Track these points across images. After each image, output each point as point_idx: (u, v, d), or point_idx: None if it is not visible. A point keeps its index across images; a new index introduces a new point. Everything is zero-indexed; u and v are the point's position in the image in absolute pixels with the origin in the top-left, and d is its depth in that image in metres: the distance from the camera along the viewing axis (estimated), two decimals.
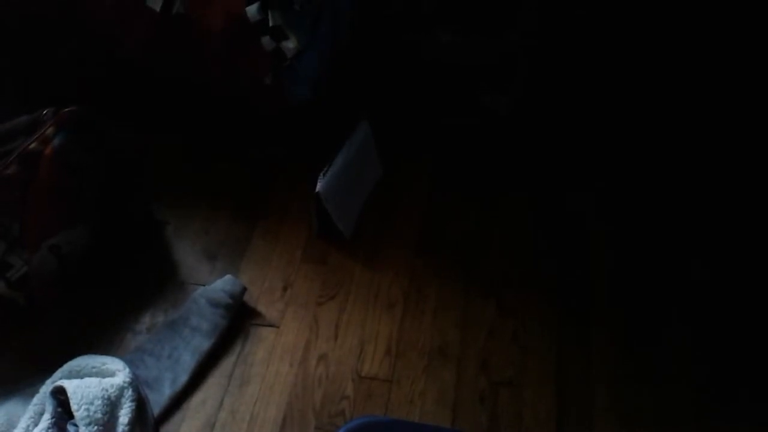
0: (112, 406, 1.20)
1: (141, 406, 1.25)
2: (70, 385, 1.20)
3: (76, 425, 1.17)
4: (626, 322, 1.42)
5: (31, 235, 1.35)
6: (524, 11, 1.68)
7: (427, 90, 1.78)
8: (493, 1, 1.69)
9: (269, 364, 1.36)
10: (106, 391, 1.21)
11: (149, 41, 1.59)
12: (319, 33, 1.59)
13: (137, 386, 1.26)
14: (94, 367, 1.27)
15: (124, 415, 1.21)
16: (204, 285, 1.44)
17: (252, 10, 1.49)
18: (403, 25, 1.75)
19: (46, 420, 1.17)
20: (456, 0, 1.71)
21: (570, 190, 1.63)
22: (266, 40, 1.52)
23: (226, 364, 1.36)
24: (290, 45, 1.52)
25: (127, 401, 1.23)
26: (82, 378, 1.24)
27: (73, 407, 1.17)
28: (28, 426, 1.19)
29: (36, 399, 1.23)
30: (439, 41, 1.74)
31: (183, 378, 1.32)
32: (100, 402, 1.19)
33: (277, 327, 1.41)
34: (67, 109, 1.40)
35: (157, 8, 1.53)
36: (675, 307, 1.44)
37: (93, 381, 1.22)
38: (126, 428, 1.20)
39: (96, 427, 1.17)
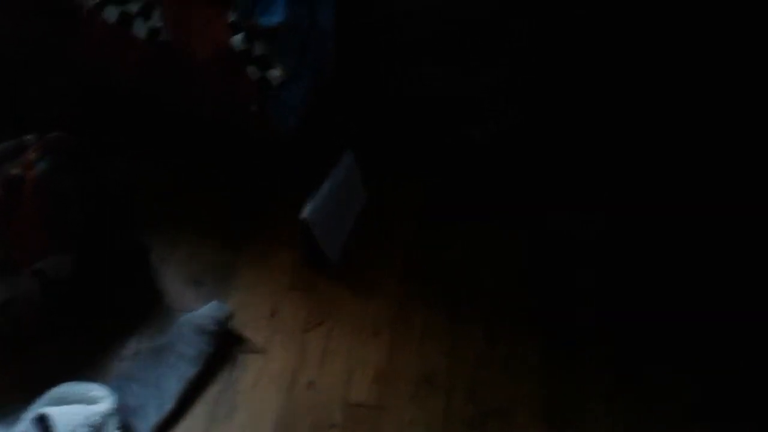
0: None
1: None
2: (55, 412, 1.19)
3: None
4: (614, 346, 1.43)
5: (15, 261, 1.33)
6: (511, 44, 1.72)
7: (411, 119, 1.80)
8: (479, 35, 1.72)
9: (256, 391, 1.35)
10: (90, 419, 1.20)
11: (138, 70, 1.59)
12: (304, 62, 1.61)
13: (122, 414, 1.24)
14: (78, 394, 1.25)
15: None
16: (190, 311, 1.43)
17: (237, 39, 1.51)
18: (386, 56, 1.78)
19: None
20: (441, 34, 1.74)
21: (554, 214, 1.65)
22: (252, 69, 1.53)
23: (213, 391, 1.34)
24: (276, 74, 1.54)
25: (112, 429, 1.21)
26: (66, 405, 1.22)
27: None
28: None
29: (19, 427, 1.20)
30: (423, 74, 1.77)
31: (168, 405, 1.30)
32: (84, 430, 1.18)
33: (264, 354, 1.40)
34: (50, 135, 1.39)
35: (142, 36, 1.54)
36: (664, 331, 1.45)
37: (77, 408, 1.21)
38: None
39: None
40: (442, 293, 1.51)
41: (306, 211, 1.50)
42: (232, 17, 1.51)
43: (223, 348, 1.39)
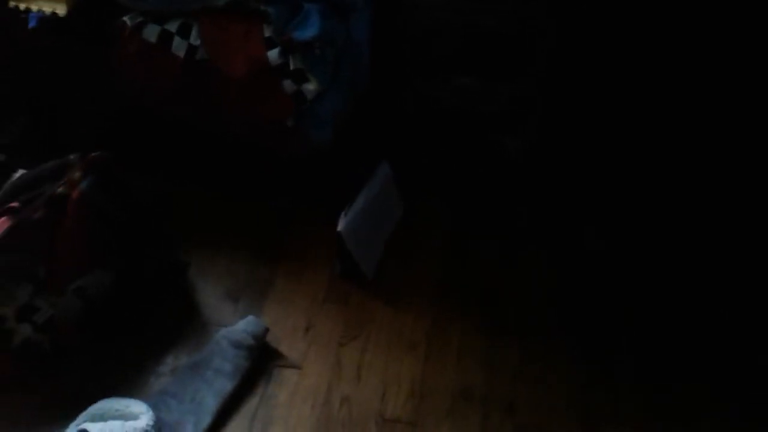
0: None
1: None
2: (94, 428, 1.21)
3: None
4: (651, 363, 1.40)
5: (58, 278, 1.36)
6: (538, 57, 1.69)
7: (444, 132, 1.79)
8: (507, 47, 1.70)
9: (292, 406, 1.35)
10: None
11: (173, 88, 1.61)
12: (339, 76, 1.61)
13: (160, 429, 1.26)
14: (117, 410, 1.27)
15: None
16: (227, 326, 1.44)
17: (273, 54, 1.52)
18: (417, 70, 1.77)
19: None
20: (470, 47, 1.72)
21: (589, 229, 1.64)
22: (287, 83, 1.54)
23: (249, 406, 1.35)
24: (311, 87, 1.55)
25: None
26: (105, 421, 1.24)
27: None
28: None
29: None
30: (453, 87, 1.75)
31: (206, 420, 1.32)
32: None
33: (300, 368, 1.40)
34: (93, 155, 1.42)
35: (181, 55, 1.56)
36: (699, 351, 1.43)
37: (116, 424, 1.23)
38: None
39: None
40: (478, 306, 1.50)
41: (340, 225, 1.50)
42: (267, 32, 1.53)
43: (260, 362, 1.40)
